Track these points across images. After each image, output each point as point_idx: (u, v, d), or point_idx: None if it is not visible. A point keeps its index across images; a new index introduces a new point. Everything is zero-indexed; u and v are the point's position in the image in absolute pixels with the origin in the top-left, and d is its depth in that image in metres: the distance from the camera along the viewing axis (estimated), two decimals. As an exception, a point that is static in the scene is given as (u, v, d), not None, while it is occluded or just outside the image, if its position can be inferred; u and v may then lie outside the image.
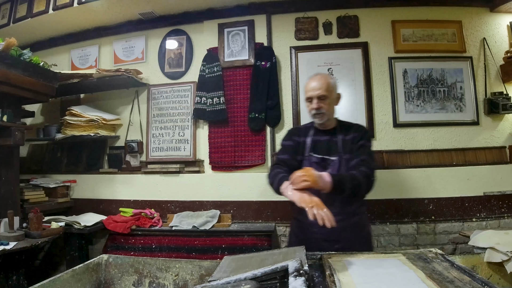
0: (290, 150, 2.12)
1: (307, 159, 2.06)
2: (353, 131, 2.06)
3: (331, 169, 1.98)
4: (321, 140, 2.09)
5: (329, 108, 2.02)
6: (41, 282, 1.33)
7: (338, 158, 2.00)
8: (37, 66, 2.81)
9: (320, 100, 2.00)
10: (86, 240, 3.33)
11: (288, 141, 2.17)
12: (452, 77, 3.24)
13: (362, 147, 2.00)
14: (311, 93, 2.01)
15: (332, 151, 2.03)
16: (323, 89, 1.99)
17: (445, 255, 1.46)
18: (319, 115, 2.01)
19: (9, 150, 2.81)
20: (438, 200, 3.05)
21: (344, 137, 2.04)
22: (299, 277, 1.14)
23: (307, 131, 2.15)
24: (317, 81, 2.02)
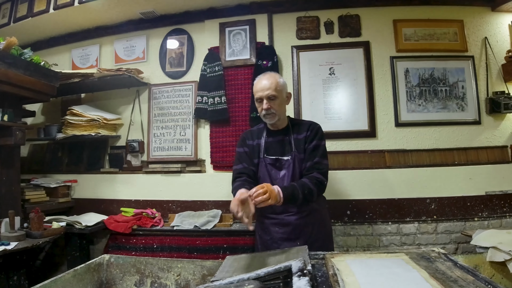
0: (244, 157, 2.10)
1: (262, 161, 2.06)
2: (305, 129, 2.04)
3: (285, 169, 2.00)
4: (274, 140, 2.07)
5: (279, 108, 2.00)
6: (42, 282, 1.32)
7: (291, 158, 2.00)
8: (38, 65, 2.79)
9: (270, 100, 1.97)
10: (87, 240, 3.30)
11: (241, 147, 2.14)
12: (454, 76, 3.22)
13: (315, 148, 1.99)
14: (260, 94, 1.98)
15: (285, 151, 2.03)
16: (272, 89, 1.96)
17: (448, 255, 1.44)
18: (269, 115, 1.98)
19: (10, 150, 2.79)
20: (440, 200, 3.03)
21: (296, 136, 2.04)
22: (303, 277, 1.13)
23: (260, 132, 2.13)
24: (266, 81, 1.99)
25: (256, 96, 2.00)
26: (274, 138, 2.07)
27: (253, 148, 2.09)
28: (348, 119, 3.22)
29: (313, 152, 1.98)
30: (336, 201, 3.08)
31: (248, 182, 1.95)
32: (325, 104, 3.26)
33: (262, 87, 1.97)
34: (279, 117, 2.01)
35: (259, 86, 1.99)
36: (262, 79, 2.00)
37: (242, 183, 1.93)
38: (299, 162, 1.99)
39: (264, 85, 1.97)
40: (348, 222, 3.07)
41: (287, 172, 1.99)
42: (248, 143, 2.12)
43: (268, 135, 2.09)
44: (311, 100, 3.28)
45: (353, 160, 3.16)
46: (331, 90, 3.27)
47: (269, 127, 2.09)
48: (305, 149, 2.00)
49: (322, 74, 3.29)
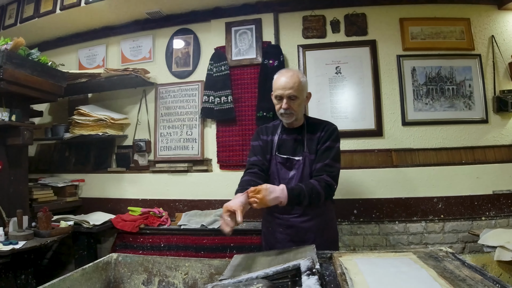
0: (259, 150, 2.02)
1: (273, 159, 1.99)
2: (320, 130, 1.95)
3: (295, 169, 1.92)
4: (287, 139, 1.99)
5: (298, 108, 1.90)
6: (51, 281, 1.31)
7: (302, 158, 1.91)
8: (45, 65, 2.78)
9: (290, 100, 1.86)
10: (95, 239, 3.31)
11: (256, 141, 2.07)
12: (460, 75, 3.17)
13: (328, 149, 1.88)
14: (281, 92, 1.86)
15: (297, 151, 1.95)
16: (294, 89, 1.85)
17: (456, 254, 1.42)
18: (287, 115, 1.89)
19: (18, 150, 2.78)
20: (447, 199, 2.98)
21: (310, 136, 1.94)
22: (312, 276, 1.12)
23: (275, 129, 2.05)
24: (288, 79, 1.86)
25: (276, 93, 1.89)
26: (288, 136, 1.99)
27: (266, 143, 2.02)
28: (354, 118, 3.18)
29: (324, 153, 1.87)
30: (343, 200, 3.03)
31: (257, 175, 1.90)
32: (331, 103, 3.22)
33: (284, 85, 1.85)
34: (296, 117, 1.92)
35: (280, 83, 1.87)
36: (284, 76, 1.88)
37: (249, 179, 1.85)
38: (310, 163, 1.90)
39: (287, 84, 1.84)
40: (355, 221, 3.03)
41: (296, 173, 1.92)
42: (262, 138, 2.04)
43: (282, 132, 2.02)
44: (317, 99, 3.24)
45: (360, 159, 3.12)
46: (338, 89, 3.23)
47: (284, 124, 2.01)
48: (317, 150, 1.91)
49: (329, 73, 3.25)
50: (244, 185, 1.77)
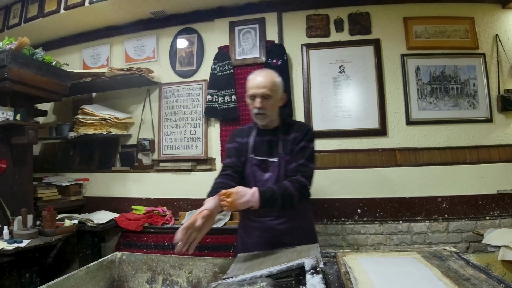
0: (234, 152, 1.96)
1: (248, 161, 1.93)
2: (295, 130, 1.89)
3: (271, 171, 1.87)
4: (263, 140, 1.93)
5: (272, 108, 1.85)
6: (56, 280, 1.30)
7: (278, 160, 1.86)
8: (50, 65, 2.76)
9: (264, 99, 1.81)
10: (99, 237, 3.31)
11: (231, 143, 2.02)
12: (465, 74, 3.13)
13: (302, 149, 1.84)
14: (254, 91, 1.81)
15: (273, 152, 1.89)
16: (268, 88, 1.80)
17: (460, 253, 1.41)
18: (260, 115, 1.84)
19: (23, 149, 2.77)
20: (451, 198, 2.96)
21: (285, 137, 1.89)
22: (316, 275, 1.10)
23: (250, 131, 1.99)
24: (262, 78, 1.83)
25: (250, 92, 1.84)
26: (263, 138, 1.93)
27: (242, 145, 1.96)
28: (358, 117, 3.14)
29: (299, 153, 1.83)
30: (347, 200, 3.03)
31: (231, 177, 1.84)
32: (335, 102, 3.19)
33: (257, 84, 1.81)
34: (270, 119, 1.87)
35: (254, 82, 1.83)
36: (258, 76, 1.85)
37: (222, 181, 1.81)
38: (286, 164, 1.86)
39: (260, 82, 1.81)
40: (358, 220, 3.00)
41: (272, 174, 1.86)
42: (237, 140, 1.99)
43: (257, 134, 1.96)
44: (321, 99, 3.20)
45: (364, 159, 3.09)
46: (341, 88, 3.20)
47: (259, 126, 1.95)
48: (292, 150, 1.86)
49: (332, 72, 3.22)
50: (216, 188, 1.74)
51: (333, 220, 3.04)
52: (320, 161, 3.10)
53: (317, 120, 3.19)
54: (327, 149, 3.15)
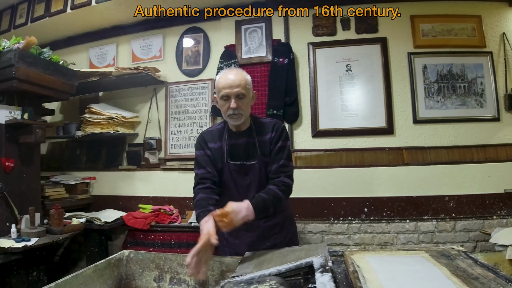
0: (207, 161, 1.81)
1: (226, 167, 1.81)
2: (270, 130, 1.81)
3: (251, 174, 1.80)
4: (238, 143, 1.82)
5: (246, 108, 1.75)
6: (64, 278, 1.28)
7: (257, 162, 1.79)
8: (57, 64, 2.74)
9: (239, 99, 1.70)
10: (106, 236, 3.29)
11: (202, 150, 1.85)
12: (472, 72, 3.07)
13: (281, 150, 1.78)
14: (228, 91, 1.69)
15: (250, 155, 1.80)
16: (242, 87, 1.70)
17: (468, 253, 1.38)
18: (236, 116, 1.72)
19: (30, 148, 2.75)
20: (459, 197, 2.90)
21: (261, 138, 1.81)
22: (325, 273, 1.10)
23: (221, 134, 1.85)
24: (234, 76, 1.71)
25: (222, 93, 1.70)
26: (238, 141, 1.82)
27: (216, 151, 1.83)
28: (365, 116, 3.10)
29: (278, 155, 1.78)
30: (353, 199, 2.99)
31: (211, 191, 1.74)
32: (342, 101, 3.14)
33: (230, 84, 1.69)
34: (245, 118, 1.77)
35: (226, 82, 1.70)
36: (229, 74, 1.73)
37: (205, 197, 1.69)
38: (265, 166, 1.80)
39: (233, 82, 1.69)
40: (365, 219, 2.96)
41: (253, 178, 1.80)
42: (210, 146, 1.84)
43: (230, 137, 1.83)
44: (328, 97, 3.16)
45: (371, 157, 3.04)
46: (348, 87, 3.15)
47: (230, 128, 1.83)
48: (271, 148, 1.80)
49: (339, 71, 3.17)
50: (204, 206, 1.63)
51: (339, 219, 3.00)
52: (327, 160, 3.07)
53: (323, 119, 3.15)
54: (334, 148, 3.11)
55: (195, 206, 1.70)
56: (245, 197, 1.71)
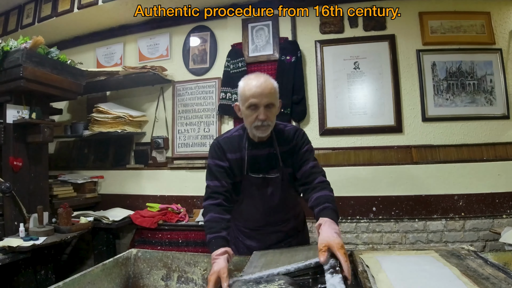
0: (222, 173, 1.65)
1: (245, 179, 1.69)
2: (291, 139, 1.70)
3: (272, 186, 1.69)
4: (259, 155, 1.69)
5: (274, 118, 1.61)
6: (72, 277, 1.27)
7: (280, 174, 1.68)
8: (64, 64, 2.71)
9: (268, 109, 1.55)
10: (114, 234, 3.27)
11: (217, 160, 1.67)
12: (482, 69, 2.99)
13: (306, 152, 1.69)
14: (257, 100, 1.53)
15: (272, 167, 1.69)
16: (272, 97, 1.56)
17: (478, 252, 1.37)
18: (264, 127, 1.57)
19: (38, 147, 2.72)
20: (468, 196, 2.84)
21: (283, 149, 1.69)
22: (336, 274, 1.08)
23: (240, 143, 1.70)
24: (264, 85, 1.54)
25: (250, 101, 1.54)
26: (259, 151, 1.69)
27: (235, 163, 1.68)
28: (373, 114, 3.03)
29: (305, 156, 1.68)
30: (361, 197, 2.93)
31: (224, 209, 1.57)
32: (350, 99, 3.08)
33: (260, 92, 1.53)
34: (271, 129, 1.64)
35: (255, 90, 1.53)
36: (257, 81, 1.55)
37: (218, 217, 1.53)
38: (287, 177, 1.70)
39: (263, 90, 1.53)
40: (373, 218, 2.91)
41: (275, 189, 1.70)
42: (229, 157, 1.68)
43: (251, 147, 1.69)
44: (335, 95, 3.10)
45: (379, 156, 2.98)
46: (356, 84, 3.08)
47: (251, 137, 1.69)
48: (294, 156, 1.69)
49: (347, 69, 3.10)
50: (217, 231, 1.47)
51: (347, 218, 2.95)
52: (334, 158, 3.01)
53: (331, 117, 3.09)
54: (342, 147, 3.05)
55: (205, 227, 1.55)
56: (268, 206, 1.71)
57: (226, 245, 1.40)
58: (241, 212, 1.79)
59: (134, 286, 1.58)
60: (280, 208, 1.74)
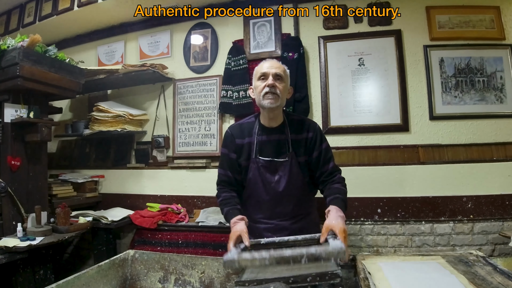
0: (230, 163, 1.79)
1: (253, 162, 1.75)
2: (306, 130, 1.77)
3: (281, 171, 1.73)
4: (269, 140, 1.76)
5: (283, 92, 1.70)
6: (66, 279, 1.28)
7: (288, 160, 1.73)
8: (63, 62, 2.65)
9: (277, 79, 1.68)
10: (114, 234, 3.21)
11: (226, 149, 1.82)
12: (491, 66, 2.85)
13: (327, 151, 1.78)
14: (267, 70, 1.68)
15: (281, 152, 1.75)
16: (281, 70, 1.71)
17: (487, 258, 1.34)
18: (272, 95, 1.65)
19: (37, 146, 2.67)
20: (477, 198, 2.70)
21: (295, 137, 1.75)
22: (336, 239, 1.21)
23: (251, 129, 1.80)
24: (274, 61, 1.76)
25: (261, 72, 1.70)
26: (269, 137, 1.76)
27: (242, 147, 1.78)
28: (379, 112, 2.91)
29: (327, 156, 1.77)
30: (366, 199, 2.82)
31: (234, 199, 1.73)
32: (354, 96, 2.96)
33: (269, 65, 1.71)
34: (280, 103, 1.69)
35: (265, 64, 1.73)
36: (270, 60, 1.77)
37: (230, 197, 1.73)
38: (297, 165, 1.74)
39: (272, 64, 1.72)
40: (378, 220, 2.79)
41: (283, 175, 1.73)
42: (237, 143, 1.79)
43: (261, 132, 1.77)
44: (339, 93, 2.99)
45: (384, 156, 2.87)
46: (361, 81, 2.97)
47: (262, 123, 1.77)
48: (312, 152, 1.76)
49: (351, 65, 2.99)
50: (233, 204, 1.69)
51: (351, 220, 2.83)
52: (338, 158, 2.90)
53: (335, 116, 2.98)
54: (346, 146, 2.94)
55: (220, 204, 1.73)
56: (274, 195, 1.73)
57: (241, 214, 1.60)
58: (248, 199, 1.82)
59: (131, 288, 1.58)
60: (287, 197, 1.75)
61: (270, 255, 1.13)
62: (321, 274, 1.08)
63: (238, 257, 1.20)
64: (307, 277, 1.09)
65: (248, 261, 1.16)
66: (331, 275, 1.07)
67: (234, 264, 1.19)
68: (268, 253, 1.14)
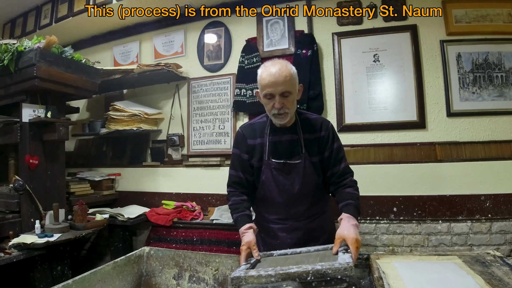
0: (242, 164, 1.70)
1: (266, 165, 1.65)
2: (318, 129, 1.66)
3: (294, 173, 1.63)
4: (281, 140, 1.65)
5: (292, 106, 1.56)
6: (82, 275, 1.27)
7: (302, 161, 1.62)
8: (79, 63, 2.63)
9: (283, 97, 1.52)
10: (130, 231, 3.20)
11: (238, 150, 1.72)
12: (510, 61, 2.69)
13: (339, 151, 1.66)
14: (272, 90, 1.50)
15: (294, 153, 1.64)
16: (287, 84, 1.50)
17: (505, 258, 1.28)
18: (281, 116, 1.54)
19: (55, 145, 2.65)
20: (496, 197, 2.56)
21: (308, 136, 1.65)
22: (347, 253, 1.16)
23: (263, 129, 1.69)
24: (279, 73, 1.49)
25: (265, 91, 1.52)
26: (281, 138, 1.66)
27: (254, 148, 1.68)
28: (394, 109, 2.79)
29: (339, 156, 1.66)
30: (382, 197, 2.71)
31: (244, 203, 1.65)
32: (369, 93, 2.85)
33: (274, 81, 1.49)
34: (290, 116, 1.60)
35: (269, 79, 1.50)
36: (272, 70, 1.51)
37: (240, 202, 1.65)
38: (311, 166, 1.64)
39: (277, 79, 1.49)
40: (394, 219, 2.68)
41: (297, 178, 1.63)
42: (249, 143, 1.69)
43: (273, 133, 1.66)
44: (354, 90, 2.87)
45: (401, 153, 2.74)
46: (376, 78, 2.85)
47: (274, 123, 1.65)
48: (324, 151, 1.66)
49: (366, 62, 2.87)
50: (242, 210, 1.62)
51: (366, 219, 2.73)
52: (353, 156, 2.80)
53: (350, 113, 2.87)
54: (361, 144, 2.83)
55: (230, 209, 1.67)
56: (288, 197, 1.65)
57: (250, 222, 1.56)
58: (262, 200, 1.73)
59: (146, 284, 1.57)
60: (302, 198, 1.66)
61: (276, 273, 1.11)
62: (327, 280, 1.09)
63: (244, 274, 1.17)
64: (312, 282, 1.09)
65: (254, 278, 1.14)
66: (337, 281, 1.07)
67: (241, 281, 1.16)
68: (274, 270, 1.12)
